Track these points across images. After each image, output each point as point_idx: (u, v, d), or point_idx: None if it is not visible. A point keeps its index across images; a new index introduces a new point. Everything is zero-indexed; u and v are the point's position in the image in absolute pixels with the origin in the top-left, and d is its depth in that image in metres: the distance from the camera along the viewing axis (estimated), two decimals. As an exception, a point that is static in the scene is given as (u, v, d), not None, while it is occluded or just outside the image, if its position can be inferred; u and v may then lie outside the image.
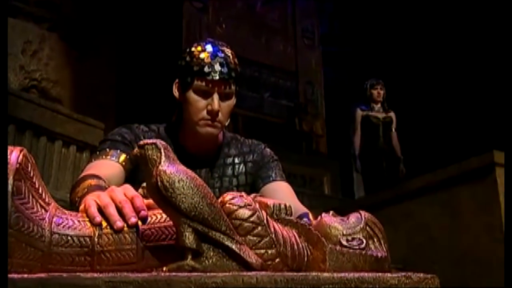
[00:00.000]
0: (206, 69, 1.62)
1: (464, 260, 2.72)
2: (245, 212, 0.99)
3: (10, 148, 0.98)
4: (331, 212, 1.15)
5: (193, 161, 1.64)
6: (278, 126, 6.26)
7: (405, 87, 7.51)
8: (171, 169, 0.94)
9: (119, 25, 4.85)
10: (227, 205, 0.99)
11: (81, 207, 1.10)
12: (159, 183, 0.93)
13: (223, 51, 1.66)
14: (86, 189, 1.29)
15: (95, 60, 4.48)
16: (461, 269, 2.70)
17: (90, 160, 1.62)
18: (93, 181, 1.35)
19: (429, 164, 4.21)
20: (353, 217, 1.13)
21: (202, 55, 1.64)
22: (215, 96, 1.64)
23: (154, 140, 0.98)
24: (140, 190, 1.25)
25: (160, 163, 0.95)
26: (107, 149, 1.61)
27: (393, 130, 6.21)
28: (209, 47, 1.66)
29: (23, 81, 3.68)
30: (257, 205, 1.03)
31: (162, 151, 0.97)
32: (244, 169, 1.81)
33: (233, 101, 1.71)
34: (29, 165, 1.00)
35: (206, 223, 0.93)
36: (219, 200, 1.01)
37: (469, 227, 2.88)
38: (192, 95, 1.65)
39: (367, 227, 1.10)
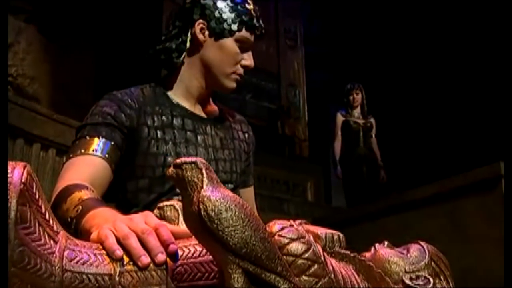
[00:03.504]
0: (255, 22, 1.55)
1: (469, 277, 2.59)
2: (298, 247, 0.83)
3: (10, 163, 0.79)
4: (385, 243, 0.99)
5: (195, 117, 1.56)
6: (260, 129, 6.11)
7: (406, 92, 7.42)
8: (216, 194, 0.77)
9: (98, 19, 4.64)
10: (277, 237, 0.84)
11: (93, 236, 0.91)
12: (202, 212, 0.76)
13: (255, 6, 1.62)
14: (80, 207, 1.11)
15: (75, 56, 4.23)
16: (465, 287, 2.58)
17: (68, 155, 1.39)
18: (83, 194, 1.16)
19: (430, 174, 4.11)
20: (414, 250, 0.97)
21: (249, 6, 1.56)
22: (250, 52, 1.57)
23: (193, 159, 0.80)
24: (156, 211, 1.08)
25: (202, 186, 0.78)
26: (87, 138, 1.38)
27: (373, 136, 6.14)
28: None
29: (-4, 77, 3.42)
30: (311, 238, 0.86)
31: (204, 171, 0.79)
32: (243, 137, 1.71)
33: None
34: (34, 184, 0.82)
35: (259, 263, 0.76)
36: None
37: (474, 242, 2.76)
38: (232, 44, 1.53)
39: (432, 263, 0.96)
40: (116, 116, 1.43)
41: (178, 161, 0.80)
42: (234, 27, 1.51)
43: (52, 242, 0.80)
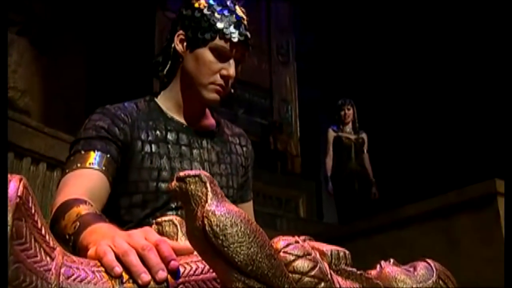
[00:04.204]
0: (232, 29, 1.47)
1: (464, 294, 2.57)
2: (304, 264, 0.80)
3: (5, 176, 0.76)
4: (391, 261, 0.97)
5: (190, 131, 1.53)
6: (252, 144, 6.10)
7: (398, 107, 7.42)
8: (221, 209, 0.74)
9: (90, 32, 4.61)
10: (282, 253, 0.81)
11: (90, 252, 0.88)
12: (207, 227, 0.73)
13: (242, 13, 1.52)
14: (77, 223, 1.07)
15: (67, 68, 4.19)
16: (461, 304, 2.55)
17: (64, 170, 1.36)
18: (81, 209, 1.13)
19: (423, 190, 4.09)
20: (421, 268, 0.94)
21: (226, 12, 1.49)
22: (232, 61, 1.49)
23: (197, 172, 0.77)
24: (154, 226, 1.04)
25: (206, 201, 0.75)
26: (82, 152, 1.35)
27: (365, 151, 6.14)
28: (231, 5, 1.51)
29: (-13, 89, 3.37)
30: (317, 255, 0.83)
31: (208, 185, 0.76)
32: (241, 151, 1.66)
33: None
34: (30, 198, 0.79)
35: (265, 280, 0.74)
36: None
37: (468, 260, 2.74)
38: (207, 54, 1.47)
39: (440, 281, 0.93)
40: (110, 130, 1.41)
41: (181, 174, 0.77)
42: (207, 36, 1.46)
43: (48, 258, 0.77)
